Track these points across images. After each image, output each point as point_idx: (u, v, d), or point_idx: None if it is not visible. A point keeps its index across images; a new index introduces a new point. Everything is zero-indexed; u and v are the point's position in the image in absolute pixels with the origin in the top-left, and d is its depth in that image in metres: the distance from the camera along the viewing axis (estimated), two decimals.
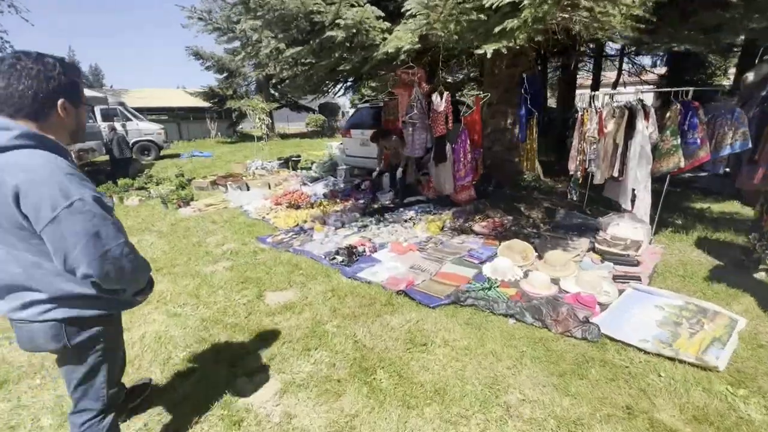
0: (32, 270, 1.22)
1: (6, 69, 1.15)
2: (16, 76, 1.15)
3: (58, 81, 1.21)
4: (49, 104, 1.21)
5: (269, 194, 7.16)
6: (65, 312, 1.28)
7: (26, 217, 1.13)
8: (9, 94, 1.15)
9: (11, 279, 1.23)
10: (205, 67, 18.69)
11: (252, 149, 16.02)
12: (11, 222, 1.15)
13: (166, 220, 6.02)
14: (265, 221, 5.66)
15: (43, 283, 1.24)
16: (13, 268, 1.22)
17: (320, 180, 8.06)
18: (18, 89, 1.15)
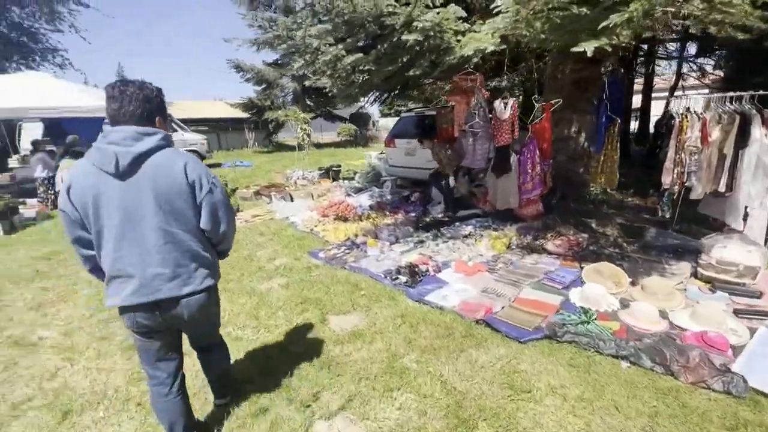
0: (189, 247, 1.59)
1: (118, 95, 1.51)
2: (127, 101, 1.51)
3: (156, 102, 1.59)
4: (152, 119, 1.58)
5: (314, 205, 6.99)
6: (210, 281, 1.70)
7: (191, 186, 1.55)
8: (122, 113, 1.51)
9: (181, 262, 1.58)
10: (244, 79, 19.21)
11: (289, 159, 16.18)
12: (180, 195, 1.54)
13: None
14: (314, 234, 5.45)
15: (197, 259, 1.63)
16: (176, 254, 1.56)
17: (364, 191, 7.82)
18: (128, 110, 1.52)
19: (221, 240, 1.73)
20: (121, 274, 1.53)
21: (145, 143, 1.49)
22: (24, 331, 3.14)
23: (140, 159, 1.48)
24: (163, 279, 1.55)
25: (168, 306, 1.59)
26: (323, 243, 5.08)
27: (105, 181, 1.46)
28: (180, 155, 1.57)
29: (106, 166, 1.45)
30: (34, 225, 6.74)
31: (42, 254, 5.14)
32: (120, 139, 1.46)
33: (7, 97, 7.21)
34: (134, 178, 1.48)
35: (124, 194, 1.48)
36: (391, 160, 8.53)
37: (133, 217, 1.49)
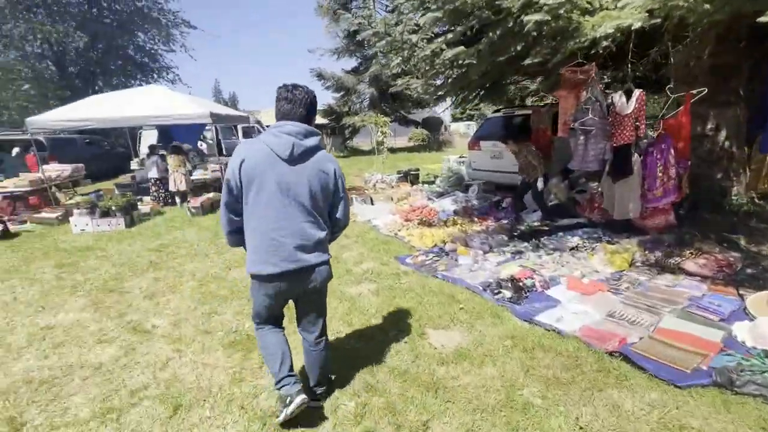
0: (323, 229, 1.90)
1: (291, 97, 1.80)
2: (298, 103, 1.80)
3: (314, 105, 1.87)
4: (310, 118, 1.87)
5: (395, 208, 6.83)
6: (329, 256, 1.98)
7: (335, 185, 1.90)
8: (293, 113, 1.80)
9: (319, 239, 1.87)
10: (325, 87, 20.06)
11: (365, 162, 16.45)
12: (327, 192, 1.87)
13: None
14: (399, 239, 5.24)
15: (324, 239, 1.91)
16: (317, 231, 1.86)
17: (447, 195, 7.48)
18: (298, 111, 1.81)
19: (340, 229, 2.10)
20: (271, 245, 1.78)
21: (312, 140, 1.81)
22: (140, 318, 3.36)
23: (309, 152, 1.79)
24: (306, 250, 1.83)
25: (306, 272, 1.87)
26: (409, 248, 4.84)
27: (275, 162, 1.74)
28: (331, 158, 1.92)
29: (281, 152, 1.73)
30: (148, 220, 7.55)
31: (154, 246, 5.66)
32: (295, 132, 1.76)
33: (132, 108, 8.23)
34: (300, 166, 1.77)
35: (289, 177, 1.75)
36: (475, 164, 8.07)
37: (291, 197, 1.76)
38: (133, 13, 19.99)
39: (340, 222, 2.02)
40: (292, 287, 1.89)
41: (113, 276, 4.48)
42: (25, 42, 17.16)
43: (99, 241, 6.09)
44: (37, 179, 8.48)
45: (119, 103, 8.70)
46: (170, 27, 21.43)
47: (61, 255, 5.43)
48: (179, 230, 6.66)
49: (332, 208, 1.96)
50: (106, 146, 16.42)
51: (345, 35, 19.20)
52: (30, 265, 5.08)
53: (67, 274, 4.63)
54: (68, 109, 8.39)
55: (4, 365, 2.73)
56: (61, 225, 7.33)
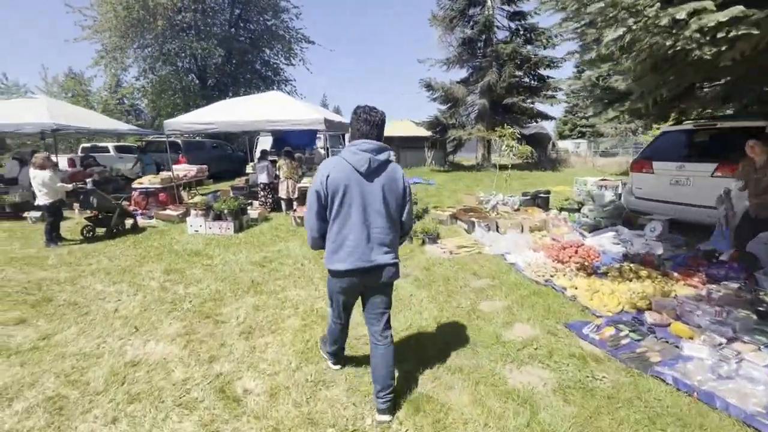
0: (395, 232, 2.14)
1: (370, 119, 2.05)
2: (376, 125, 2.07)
3: (384, 123, 2.11)
4: (382, 136, 2.12)
5: (532, 241, 5.36)
6: (398, 258, 2.18)
7: (404, 191, 2.12)
8: (370, 132, 2.05)
9: (390, 241, 2.10)
10: (432, 98, 19.25)
11: (469, 179, 15.03)
12: (395, 195, 2.08)
13: (415, 260, 5.00)
14: (557, 290, 3.80)
15: (395, 240, 2.16)
16: (389, 235, 2.09)
17: (603, 230, 5.73)
18: (375, 132, 2.07)
19: (407, 232, 2.31)
20: (349, 246, 2.01)
21: (384, 155, 2.05)
22: (232, 371, 2.57)
23: (382, 166, 2.04)
24: (378, 251, 2.05)
25: (377, 270, 2.08)
26: (580, 309, 3.38)
27: (354, 176, 1.98)
28: (400, 169, 2.14)
29: (360, 167, 1.97)
30: (255, 226, 7.32)
31: (258, 259, 5.14)
32: (371, 150, 2.01)
33: (252, 113, 8.28)
34: (374, 178, 2.01)
35: (367, 188, 2.00)
36: (641, 191, 6.13)
37: (368, 205, 2.01)
38: (264, 32, 21.90)
39: (406, 224, 2.21)
40: (363, 282, 2.10)
41: (213, 295, 3.93)
42: (178, 58, 19.89)
43: (208, 246, 5.86)
44: (168, 177, 9.05)
45: (241, 109, 8.87)
46: (292, 42, 22.99)
47: (172, 258, 5.23)
48: (283, 241, 6.17)
49: (402, 213, 2.15)
50: (229, 150, 17.90)
51: (459, 43, 18.16)
52: (143, 266, 4.92)
53: (171, 284, 4.26)
54: (198, 114, 8.79)
55: (69, 420, 2.11)
56: (180, 223, 7.51)
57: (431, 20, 18.99)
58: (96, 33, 17.51)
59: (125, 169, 12.76)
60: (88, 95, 23.44)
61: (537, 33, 17.70)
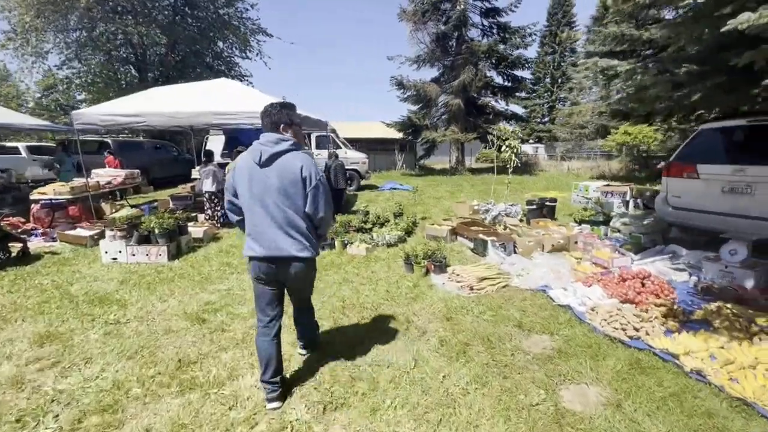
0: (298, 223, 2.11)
1: (264, 113, 2.17)
2: (266, 116, 2.17)
3: (280, 116, 2.16)
4: (278, 127, 2.16)
5: (567, 266, 4.11)
6: (310, 252, 2.16)
7: (304, 181, 2.08)
8: (265, 124, 2.16)
9: (295, 231, 2.10)
10: (404, 97, 18.02)
11: (449, 183, 13.87)
12: (296, 188, 2.07)
13: (425, 302, 3.56)
14: (666, 359, 2.51)
15: (303, 233, 2.13)
16: (288, 226, 2.09)
17: (651, 251, 4.61)
18: (268, 123, 2.16)
19: (319, 224, 2.23)
20: (256, 233, 2.10)
21: (280, 146, 2.08)
22: None
23: (275, 156, 2.06)
24: (282, 242, 2.07)
25: (282, 262, 2.12)
26: (728, 402, 2.10)
27: (253, 167, 2.07)
28: (300, 157, 2.10)
29: (255, 159, 2.06)
30: (200, 248, 5.55)
31: (196, 308, 3.48)
32: (265, 141, 2.09)
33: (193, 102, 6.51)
34: (267, 169, 2.06)
35: (261, 178, 2.06)
36: (681, 200, 5.10)
37: (266, 195, 2.06)
38: (215, 20, 19.62)
39: (314, 217, 2.16)
40: (273, 272, 2.14)
41: (106, 393, 2.25)
42: (111, 45, 17.15)
43: (124, 286, 4.08)
44: (81, 186, 6.96)
45: (181, 98, 7.02)
46: (248, 35, 20.89)
47: (59, 311, 3.43)
48: (236, 272, 4.51)
49: (309, 203, 2.12)
50: (175, 152, 15.58)
51: (432, 39, 17.08)
52: (4, 327, 3.09)
53: (37, 368, 2.53)
54: (120, 103, 6.83)
55: None
56: (95, 247, 5.56)
57: (401, 15, 17.80)
58: (2, 10, 14.53)
59: (41, 173, 10.30)
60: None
61: (511, 31, 17.04)
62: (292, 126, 2.18)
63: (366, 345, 2.81)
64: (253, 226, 2.09)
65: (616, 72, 4.44)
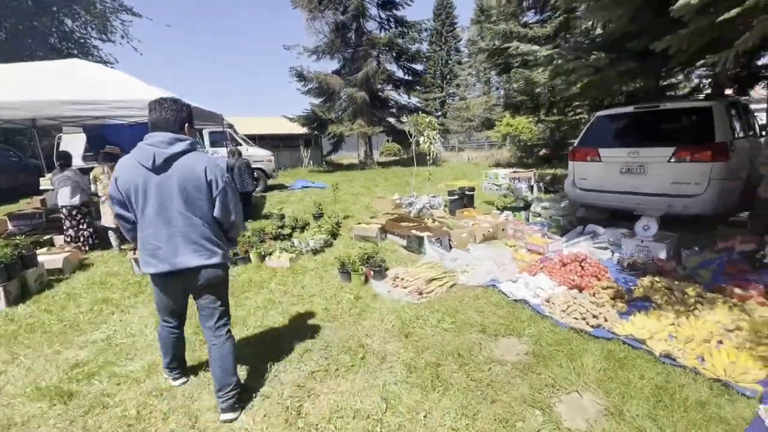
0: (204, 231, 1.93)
1: (158, 107, 1.89)
2: (165, 112, 1.89)
3: (184, 113, 1.96)
4: (182, 126, 1.93)
5: (507, 255, 4.05)
6: (219, 260, 2.00)
7: (210, 184, 1.90)
8: (160, 121, 1.88)
9: (202, 240, 1.93)
10: (306, 89, 17.02)
11: (364, 179, 13.48)
12: (201, 192, 1.89)
13: (374, 317, 3.07)
14: (635, 346, 2.45)
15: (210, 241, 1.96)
16: (194, 234, 1.92)
17: (573, 232, 4.84)
18: (165, 117, 1.89)
19: (230, 227, 2.07)
20: (155, 246, 1.88)
21: (176, 147, 1.85)
22: None
23: (173, 158, 1.84)
24: (185, 252, 1.89)
25: (189, 274, 1.93)
26: (707, 384, 2.07)
27: (143, 173, 1.83)
28: (203, 159, 1.92)
29: (146, 162, 1.82)
30: (60, 282, 4.15)
31: (55, 380, 2.41)
32: (158, 142, 1.83)
33: (36, 88, 4.85)
34: (166, 173, 1.83)
35: (158, 185, 1.83)
36: (587, 181, 5.52)
37: (166, 203, 1.85)
38: None
39: (224, 222, 2.01)
40: (179, 285, 2.00)
41: None
42: None
43: None
44: None
45: (12, 84, 5.22)
46: (107, 12, 17.35)
47: None
48: (118, 311, 3.40)
49: (217, 208, 1.95)
50: (14, 157, 12.17)
51: (332, 29, 16.40)
52: None
53: None
54: None
55: None
56: None
57: (295, 1, 16.70)
58: None
59: None
60: None
61: (408, 26, 17.33)
62: (192, 125, 2.01)
63: (317, 390, 2.20)
64: (151, 239, 1.89)
65: (535, 57, 4.52)
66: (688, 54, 3.40)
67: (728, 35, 2.72)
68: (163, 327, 2.20)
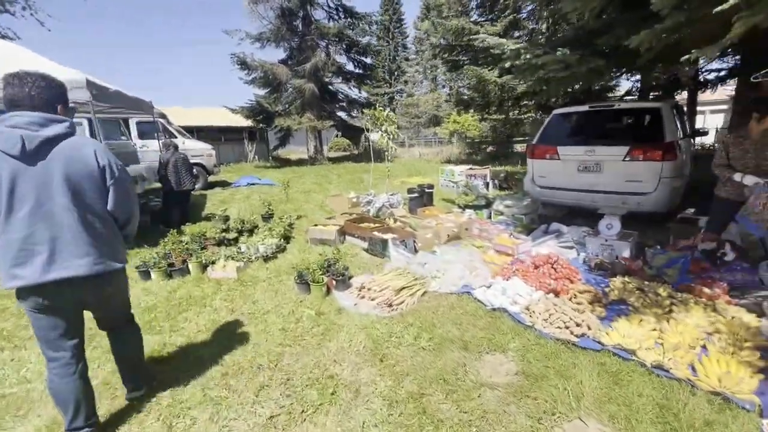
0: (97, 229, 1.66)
1: (18, 82, 1.55)
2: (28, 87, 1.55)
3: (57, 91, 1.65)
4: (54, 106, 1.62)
5: (477, 258, 3.85)
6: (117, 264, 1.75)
7: (102, 171, 1.64)
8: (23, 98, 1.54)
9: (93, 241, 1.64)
10: (250, 79, 15.85)
11: (314, 175, 12.80)
12: (90, 179, 1.61)
13: (341, 336, 2.68)
14: (625, 358, 2.31)
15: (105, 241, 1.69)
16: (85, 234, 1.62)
17: (538, 231, 4.78)
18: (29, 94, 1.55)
19: (126, 222, 1.81)
20: (27, 252, 1.51)
21: (52, 129, 1.54)
22: None
23: (49, 143, 1.53)
24: (74, 256, 1.57)
25: (78, 284, 1.61)
26: (706, 399, 1.96)
27: (8, 163, 1.47)
28: (89, 142, 1.66)
29: (10, 149, 1.47)
30: None
31: None
32: (25, 124, 1.49)
33: None
34: (43, 161, 1.51)
35: (33, 177, 1.50)
36: (544, 179, 5.55)
37: (43, 197, 1.52)
38: None
39: (120, 216, 1.74)
40: (68, 297, 1.63)
41: None
42: None
43: None
44: None
45: None
46: None
47: None
48: (9, 347, 2.65)
49: (105, 202, 1.69)
50: None
51: (277, 14, 15.40)
52: None
53: None
54: None
55: None
56: None
57: None
58: None
59: None
60: None
61: (357, 17, 16.81)
62: (66, 105, 1.70)
63: None
64: (24, 244, 1.53)
65: (502, 50, 4.35)
66: (654, 52, 3.40)
67: (701, 34, 2.70)
68: (51, 370, 1.70)
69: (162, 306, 3.29)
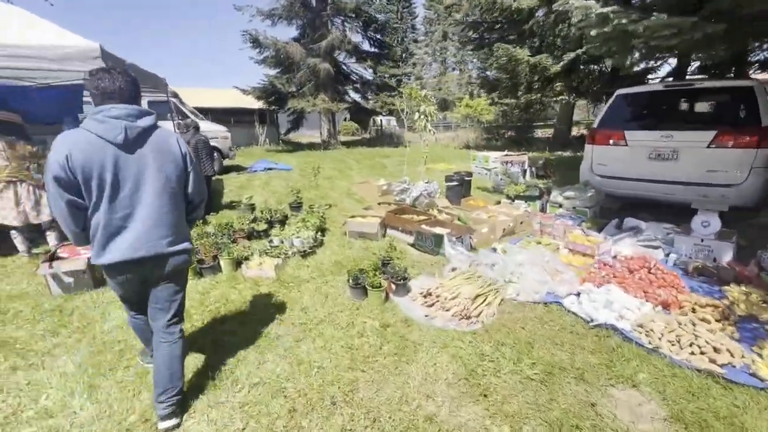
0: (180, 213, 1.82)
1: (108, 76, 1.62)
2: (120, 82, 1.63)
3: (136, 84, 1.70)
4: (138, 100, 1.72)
5: (555, 259, 3.34)
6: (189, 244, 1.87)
7: (184, 158, 1.79)
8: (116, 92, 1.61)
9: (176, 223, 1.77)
10: (261, 58, 15.13)
11: (330, 159, 12.23)
12: (178, 169, 1.76)
13: (417, 354, 2.21)
14: None
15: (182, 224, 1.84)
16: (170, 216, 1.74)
17: (610, 226, 4.24)
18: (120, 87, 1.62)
19: (198, 206, 1.96)
20: (116, 231, 1.63)
21: (145, 120, 1.65)
22: None
23: (145, 133, 1.65)
24: (157, 237, 1.70)
25: (160, 260, 1.74)
26: None
27: (110, 150, 1.57)
28: (171, 133, 1.79)
29: (113, 138, 1.56)
30: None
31: None
32: (125, 115, 1.59)
33: None
34: (140, 149, 1.63)
35: (132, 164, 1.62)
36: (605, 167, 4.98)
37: (140, 183, 1.64)
38: None
39: (194, 198, 1.90)
40: (143, 274, 1.76)
41: None
42: None
43: None
44: None
45: None
46: None
47: None
48: (24, 365, 2.19)
49: (185, 186, 1.83)
50: None
51: None
52: None
53: None
54: None
55: None
56: None
57: None
58: None
59: None
60: None
61: None
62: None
63: None
64: (118, 222, 1.63)
65: (586, 14, 3.73)
66: None
67: None
68: (133, 319, 2.03)
69: (197, 313, 2.82)
